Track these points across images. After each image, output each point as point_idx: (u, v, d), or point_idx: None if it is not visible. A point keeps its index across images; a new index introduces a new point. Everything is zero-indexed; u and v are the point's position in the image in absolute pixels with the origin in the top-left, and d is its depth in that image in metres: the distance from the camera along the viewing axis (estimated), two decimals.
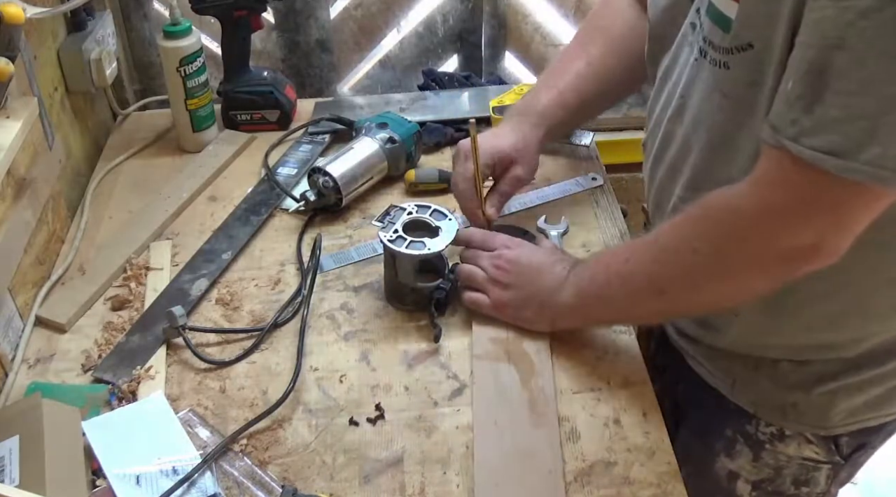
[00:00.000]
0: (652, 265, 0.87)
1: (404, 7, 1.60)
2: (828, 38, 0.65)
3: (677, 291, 0.86)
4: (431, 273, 1.05)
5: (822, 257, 0.75)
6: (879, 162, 0.65)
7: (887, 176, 0.66)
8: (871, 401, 0.93)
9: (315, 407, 0.94)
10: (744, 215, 0.76)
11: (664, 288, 0.86)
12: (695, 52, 0.84)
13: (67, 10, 1.22)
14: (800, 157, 0.68)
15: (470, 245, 1.05)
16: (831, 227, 0.73)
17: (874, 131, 0.65)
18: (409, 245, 1.00)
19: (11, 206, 1.03)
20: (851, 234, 0.73)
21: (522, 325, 0.99)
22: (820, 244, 0.74)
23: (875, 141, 0.65)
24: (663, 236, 0.86)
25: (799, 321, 0.89)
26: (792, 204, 0.73)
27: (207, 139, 1.37)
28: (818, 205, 0.71)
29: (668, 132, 0.92)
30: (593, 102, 1.13)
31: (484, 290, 1.01)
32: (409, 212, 1.04)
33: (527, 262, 0.99)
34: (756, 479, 1.02)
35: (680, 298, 0.86)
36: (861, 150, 0.65)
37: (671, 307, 0.89)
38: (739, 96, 0.79)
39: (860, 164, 0.66)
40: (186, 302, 1.05)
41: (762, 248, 0.77)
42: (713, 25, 0.78)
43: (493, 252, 1.02)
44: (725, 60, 0.78)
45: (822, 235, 0.73)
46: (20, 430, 0.83)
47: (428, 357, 0.99)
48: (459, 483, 0.85)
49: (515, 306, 0.99)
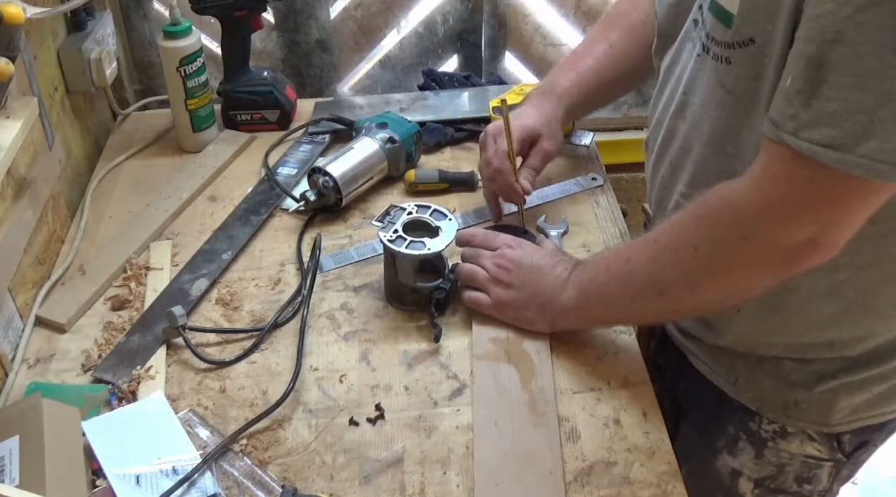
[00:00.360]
0: (652, 265, 0.87)
1: (404, 7, 1.60)
2: (826, 32, 0.65)
3: (677, 291, 0.86)
4: (431, 273, 1.05)
5: (820, 252, 0.75)
6: (877, 156, 0.65)
7: (885, 170, 0.66)
8: (874, 399, 0.93)
9: (315, 407, 0.94)
10: (743, 211, 0.76)
11: (664, 288, 0.86)
12: (697, 48, 0.84)
13: (67, 10, 1.22)
14: (798, 152, 0.69)
15: (471, 244, 1.05)
16: (830, 221, 0.73)
17: (871, 125, 0.65)
18: (409, 245, 1.00)
19: (11, 206, 1.03)
20: (850, 228, 0.73)
21: (523, 325, 0.99)
22: (819, 239, 0.74)
23: (872, 135, 0.65)
24: (663, 236, 0.86)
25: (801, 319, 0.89)
26: (791, 198, 0.73)
27: (207, 139, 1.37)
28: (817, 199, 0.72)
29: (670, 129, 0.92)
30: (612, 85, 1.14)
31: (485, 289, 1.01)
32: (409, 212, 1.04)
33: (528, 262, 0.99)
34: (758, 477, 1.02)
35: (680, 298, 0.86)
36: (858, 143, 0.66)
37: (672, 307, 0.89)
38: (741, 92, 0.79)
39: (857, 157, 0.66)
40: (186, 302, 1.05)
41: (762, 244, 0.77)
42: (715, 20, 0.78)
43: (495, 251, 1.02)
44: (727, 55, 0.78)
45: (821, 230, 0.73)
46: (20, 430, 0.83)
47: (428, 357, 0.99)
48: (459, 483, 0.85)
49: (516, 306, 0.99)
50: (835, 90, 0.66)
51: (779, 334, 0.91)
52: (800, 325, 0.89)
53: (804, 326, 0.89)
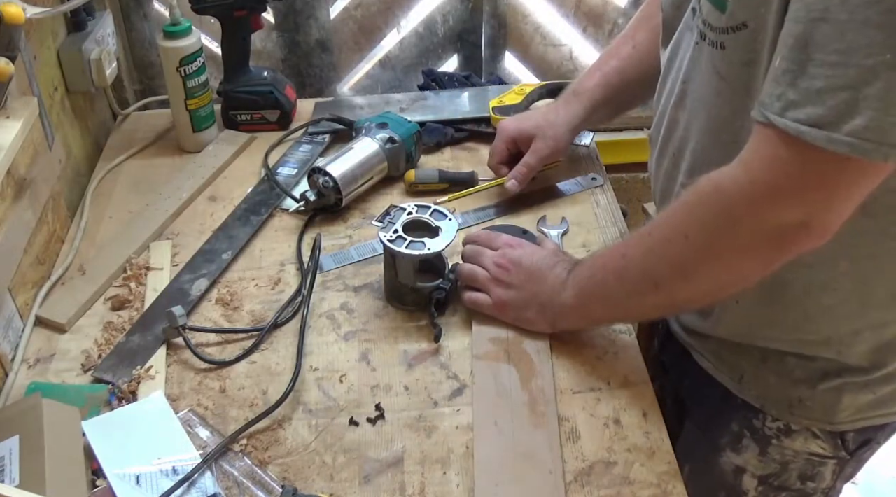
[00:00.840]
0: (646, 258, 0.86)
1: (404, 7, 1.60)
2: (812, 10, 0.65)
3: (672, 282, 0.85)
4: (431, 273, 1.05)
5: (812, 237, 0.74)
6: (862, 134, 0.65)
7: (870, 148, 0.66)
8: (878, 400, 0.93)
9: (315, 407, 0.94)
10: (733, 194, 0.76)
11: (658, 280, 0.86)
12: (695, 36, 0.84)
13: (67, 10, 1.22)
14: (785, 131, 0.68)
15: (473, 243, 1.05)
16: (820, 203, 0.72)
17: (857, 103, 0.65)
18: (409, 245, 1.00)
19: (11, 206, 1.03)
20: (841, 211, 0.73)
21: (523, 325, 0.99)
22: (809, 222, 0.73)
23: (857, 112, 0.65)
24: (657, 228, 0.86)
25: (798, 312, 0.88)
26: (780, 180, 0.72)
27: (207, 139, 1.37)
28: (805, 180, 0.71)
29: (671, 120, 0.93)
30: (636, 85, 1.14)
31: (485, 289, 1.01)
32: (409, 212, 1.04)
33: (529, 262, 0.99)
34: (762, 474, 1.02)
35: (675, 289, 0.86)
36: (844, 121, 0.65)
37: (668, 300, 0.88)
38: (735, 77, 0.79)
39: (843, 135, 0.66)
40: (186, 302, 1.05)
41: (752, 227, 0.76)
42: (711, 6, 0.79)
43: (495, 251, 1.02)
44: (722, 41, 0.78)
45: (810, 212, 0.73)
46: (20, 430, 0.83)
47: (428, 357, 0.99)
48: (459, 483, 0.85)
49: (517, 306, 0.99)
50: (820, 68, 0.66)
51: (776, 327, 0.91)
52: (796, 318, 0.89)
53: (801, 319, 0.89)
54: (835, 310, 0.87)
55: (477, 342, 0.99)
